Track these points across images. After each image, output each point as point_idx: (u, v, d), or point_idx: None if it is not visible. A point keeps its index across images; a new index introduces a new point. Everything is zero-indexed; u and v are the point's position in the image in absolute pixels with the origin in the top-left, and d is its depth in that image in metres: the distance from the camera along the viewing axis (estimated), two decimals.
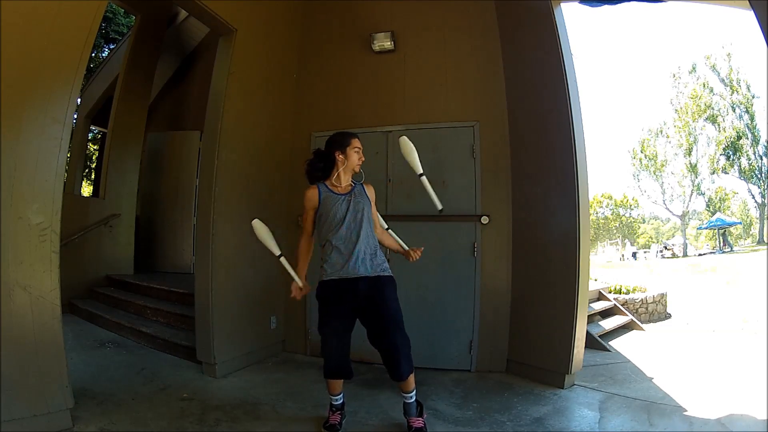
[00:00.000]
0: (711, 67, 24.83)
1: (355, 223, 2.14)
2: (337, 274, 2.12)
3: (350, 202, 2.17)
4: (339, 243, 2.13)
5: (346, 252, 2.12)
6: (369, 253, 2.15)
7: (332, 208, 2.15)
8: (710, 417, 2.34)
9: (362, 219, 2.16)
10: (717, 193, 27.14)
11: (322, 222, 2.20)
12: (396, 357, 2.04)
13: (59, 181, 2.09)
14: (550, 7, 2.97)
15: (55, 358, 2.05)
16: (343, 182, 2.22)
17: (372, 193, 2.30)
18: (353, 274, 2.10)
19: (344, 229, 2.13)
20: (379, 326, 2.08)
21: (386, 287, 2.14)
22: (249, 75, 3.29)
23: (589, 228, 3.12)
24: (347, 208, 2.15)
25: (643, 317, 5.50)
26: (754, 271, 11.73)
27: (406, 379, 2.09)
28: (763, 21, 1.77)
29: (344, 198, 2.18)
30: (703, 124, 25.00)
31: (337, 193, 2.19)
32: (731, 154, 24.44)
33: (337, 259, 2.13)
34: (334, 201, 2.16)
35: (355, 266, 2.10)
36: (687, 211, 27.72)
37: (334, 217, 2.14)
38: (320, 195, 2.19)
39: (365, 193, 2.25)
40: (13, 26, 1.90)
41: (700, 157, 25.42)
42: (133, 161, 5.20)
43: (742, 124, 24.32)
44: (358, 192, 2.23)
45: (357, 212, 2.16)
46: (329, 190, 2.20)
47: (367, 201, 2.22)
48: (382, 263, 2.18)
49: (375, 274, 2.13)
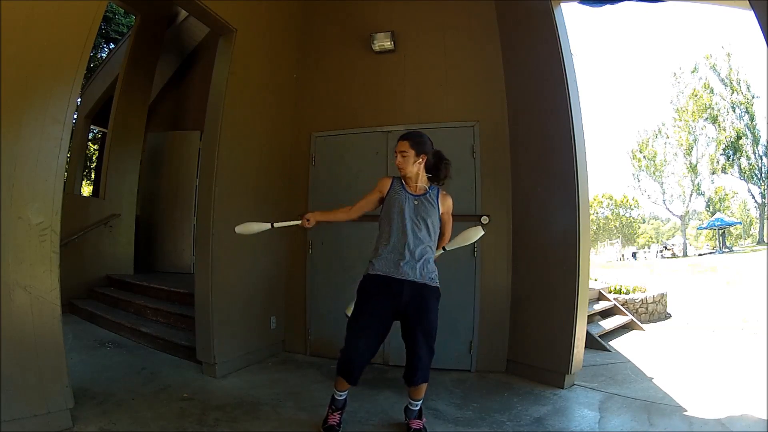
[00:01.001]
0: (711, 67, 24.84)
1: (415, 226, 2.11)
2: (384, 270, 2.09)
3: (416, 205, 2.14)
4: (394, 240, 2.10)
5: (399, 251, 2.09)
6: (421, 259, 2.10)
7: (396, 203, 2.13)
8: (710, 417, 2.34)
9: (423, 224, 2.12)
10: (717, 193, 27.13)
11: (383, 215, 2.19)
12: (416, 365, 2.05)
13: (59, 181, 2.09)
14: (550, 7, 2.97)
15: (55, 358, 2.05)
16: (412, 183, 2.19)
17: (446, 202, 2.24)
18: (401, 275, 2.07)
19: (402, 228, 2.10)
20: (411, 333, 2.07)
21: (430, 298, 2.10)
22: (249, 75, 3.29)
23: (589, 228, 3.12)
24: (412, 209, 2.13)
25: (643, 317, 5.50)
26: (754, 271, 11.73)
27: (417, 385, 2.09)
28: (763, 21, 1.77)
29: (412, 197, 2.16)
30: (703, 124, 25.02)
31: (408, 192, 2.17)
32: (731, 154, 24.43)
33: (388, 255, 2.10)
34: (402, 197, 2.15)
35: (405, 268, 2.07)
36: (687, 211, 27.74)
37: (397, 212, 2.12)
38: (392, 185, 2.19)
39: (436, 202, 2.19)
40: (13, 26, 1.90)
41: (700, 157, 25.44)
42: (133, 161, 5.19)
43: (742, 124, 24.32)
44: (431, 198, 2.18)
45: (420, 216, 2.13)
46: (402, 187, 2.19)
47: (435, 209, 2.17)
48: (431, 272, 2.13)
49: (422, 281, 2.09)
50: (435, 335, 2.10)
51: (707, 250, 24.83)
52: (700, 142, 25.32)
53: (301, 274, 3.65)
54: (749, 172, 24.68)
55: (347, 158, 3.61)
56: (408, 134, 2.22)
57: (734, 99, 24.28)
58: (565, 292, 2.85)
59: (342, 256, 3.51)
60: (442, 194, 2.23)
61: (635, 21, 65.78)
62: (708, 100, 24.65)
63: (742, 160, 24.56)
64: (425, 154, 2.18)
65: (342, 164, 3.62)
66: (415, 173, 2.18)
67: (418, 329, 2.05)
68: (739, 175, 24.96)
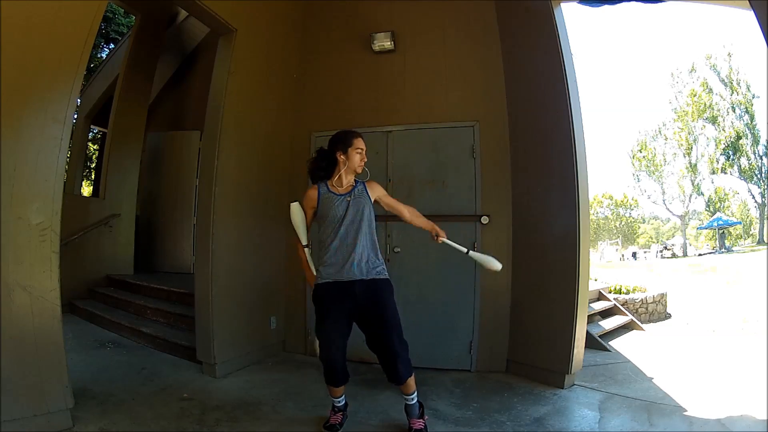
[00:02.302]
0: (711, 67, 24.85)
1: (353, 225, 2.11)
2: (332, 276, 2.09)
3: (349, 203, 2.13)
4: (336, 245, 2.10)
5: (342, 255, 2.09)
6: (366, 257, 2.11)
7: (331, 209, 2.12)
8: (710, 417, 2.34)
9: (361, 221, 2.12)
10: (717, 193, 27.13)
11: (320, 223, 2.19)
12: (394, 362, 2.03)
13: (59, 181, 2.09)
14: (550, 7, 2.97)
15: (55, 358, 2.05)
16: (344, 183, 2.19)
17: (375, 189, 2.25)
18: (348, 277, 2.07)
19: (342, 231, 2.10)
20: (376, 331, 2.06)
21: (383, 291, 2.11)
22: (249, 75, 3.29)
23: (589, 228, 3.12)
24: (346, 209, 2.12)
25: (643, 317, 5.50)
26: (754, 271, 11.73)
27: (404, 382, 2.08)
28: (763, 21, 1.77)
29: (343, 198, 2.14)
30: (703, 124, 25.02)
31: (337, 194, 2.16)
32: (731, 154, 24.43)
33: (333, 261, 2.10)
34: (333, 201, 2.13)
35: (351, 270, 2.07)
36: (687, 211, 27.74)
37: (333, 218, 2.11)
38: (320, 195, 2.17)
39: (366, 193, 2.20)
40: (13, 26, 1.90)
41: (700, 157, 25.45)
42: (133, 161, 5.20)
43: (742, 124, 24.31)
44: (359, 192, 2.18)
45: (356, 214, 2.12)
46: (329, 191, 2.17)
47: (368, 201, 2.18)
48: (377, 266, 2.14)
49: (370, 277, 2.10)
50: (400, 325, 2.09)
51: (707, 250, 24.83)
52: (700, 142, 25.35)
53: (301, 274, 3.63)
54: (749, 172, 24.68)
55: None
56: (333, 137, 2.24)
57: (734, 99, 24.29)
58: (565, 292, 2.85)
59: None
60: (367, 183, 2.24)
61: (635, 21, 65.76)
62: (708, 99, 24.65)
63: (742, 160, 24.56)
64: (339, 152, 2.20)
65: None
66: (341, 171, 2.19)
67: (383, 322, 2.05)
68: (739, 175, 24.96)
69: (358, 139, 2.20)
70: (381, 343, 2.05)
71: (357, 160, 2.18)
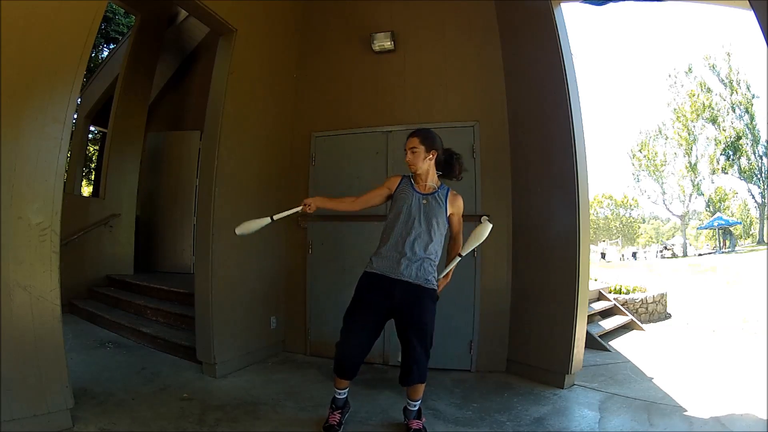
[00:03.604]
0: (710, 67, 24.84)
1: (420, 226, 2.08)
2: (381, 270, 2.07)
3: (423, 205, 2.11)
4: (395, 239, 2.08)
5: (398, 250, 2.06)
6: (420, 261, 2.07)
7: (404, 202, 2.11)
8: (710, 417, 2.34)
9: (428, 224, 2.09)
10: (717, 193, 27.13)
11: (390, 213, 2.17)
12: (411, 366, 2.03)
13: (59, 181, 2.09)
14: (550, 7, 2.97)
15: (55, 358, 2.05)
16: (422, 181, 2.17)
17: (456, 203, 2.19)
18: (396, 275, 2.05)
19: (406, 226, 2.08)
20: (404, 333, 2.06)
21: (425, 298, 2.07)
22: (249, 75, 3.28)
23: (589, 228, 3.12)
24: (417, 208, 2.10)
25: (643, 317, 5.50)
26: (754, 271, 11.73)
27: (412, 385, 2.08)
28: (763, 21, 1.77)
29: (419, 197, 2.13)
30: (703, 124, 25.02)
31: (416, 191, 2.15)
32: (731, 154, 24.43)
33: (388, 254, 2.08)
34: (408, 196, 2.12)
35: (402, 268, 2.04)
36: (687, 211, 27.74)
37: (401, 211, 2.10)
38: (400, 184, 2.17)
39: (444, 202, 2.15)
40: (12, 26, 1.90)
41: (700, 157, 25.44)
42: (133, 161, 5.19)
43: (742, 124, 24.31)
44: (439, 197, 2.15)
45: (426, 215, 2.09)
46: (411, 186, 2.17)
47: (443, 210, 2.13)
48: (429, 274, 2.09)
49: (417, 282, 2.06)
50: (430, 336, 2.07)
51: (707, 250, 24.82)
52: (700, 142, 25.36)
53: (301, 274, 3.65)
54: (749, 172, 24.67)
55: (347, 158, 3.61)
56: (418, 130, 2.21)
57: (734, 99, 24.28)
58: (565, 292, 2.85)
59: (342, 256, 3.51)
60: (452, 194, 2.19)
61: (635, 21, 65.79)
62: (707, 98, 24.65)
63: (742, 160, 24.55)
64: (435, 150, 2.17)
65: (342, 164, 3.62)
66: (425, 170, 2.16)
67: (410, 330, 2.04)
68: (739, 175, 24.95)
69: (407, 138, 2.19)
70: (406, 346, 2.05)
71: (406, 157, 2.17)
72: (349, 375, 2.11)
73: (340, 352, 2.07)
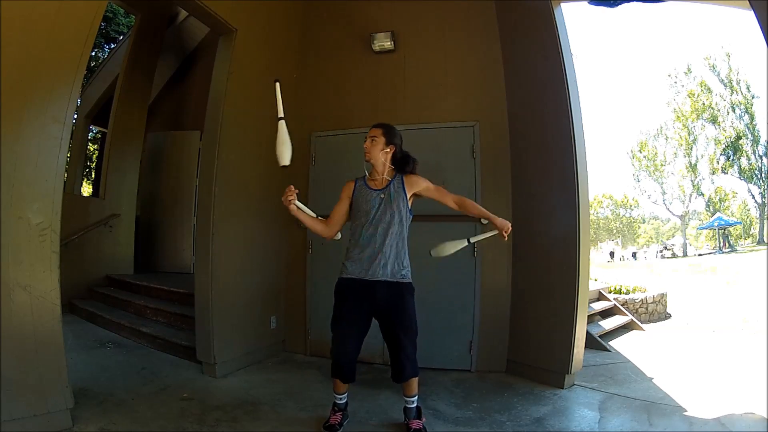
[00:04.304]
0: (711, 67, 24.84)
1: (384, 223, 2.07)
2: (356, 273, 2.07)
3: (382, 200, 2.09)
4: (364, 242, 2.08)
5: (369, 253, 2.06)
6: (393, 257, 2.07)
7: (363, 204, 2.09)
8: (710, 417, 2.34)
9: (391, 219, 2.07)
10: (717, 193, 27.13)
11: (352, 217, 2.16)
12: (402, 362, 2.05)
13: (59, 181, 2.09)
14: (550, 7, 2.97)
15: (55, 358, 2.05)
16: (378, 175, 2.15)
17: (414, 182, 2.13)
18: (373, 277, 2.05)
19: (371, 228, 2.07)
20: (392, 331, 2.07)
21: (405, 294, 2.08)
22: (249, 75, 3.28)
23: (589, 228, 3.12)
24: (378, 206, 2.08)
25: (643, 317, 5.50)
26: (754, 271, 11.73)
27: (407, 380, 2.09)
28: (763, 21, 1.77)
29: (377, 194, 2.11)
30: (703, 124, 25.03)
31: (372, 188, 2.13)
32: (731, 154, 24.43)
33: (359, 257, 2.08)
34: (366, 196, 2.11)
35: (376, 269, 2.05)
36: (687, 211, 27.74)
37: (363, 213, 2.09)
38: (356, 187, 2.16)
39: (402, 189, 2.10)
40: (13, 26, 1.90)
41: (700, 157, 25.45)
42: (133, 161, 5.20)
43: (742, 125, 24.31)
44: (395, 188, 2.11)
45: (387, 211, 2.07)
46: (365, 184, 2.15)
47: (403, 198, 2.09)
48: (403, 269, 2.10)
49: (395, 280, 2.07)
50: (416, 330, 2.09)
51: (707, 250, 24.82)
52: (700, 142, 25.36)
53: (301, 274, 3.65)
54: (749, 172, 24.67)
55: (347, 158, 3.60)
56: (381, 123, 2.22)
57: (734, 99, 24.28)
58: (565, 292, 2.85)
59: (342, 256, 3.49)
60: (406, 177, 2.16)
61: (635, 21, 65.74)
62: (707, 98, 24.65)
63: (742, 160, 24.55)
64: (394, 146, 2.16)
65: (342, 164, 3.61)
66: (381, 162, 2.15)
67: (398, 327, 2.05)
68: (739, 175, 24.95)
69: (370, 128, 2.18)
70: (393, 343, 2.07)
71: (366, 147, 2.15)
72: (350, 378, 2.12)
73: (337, 359, 2.08)
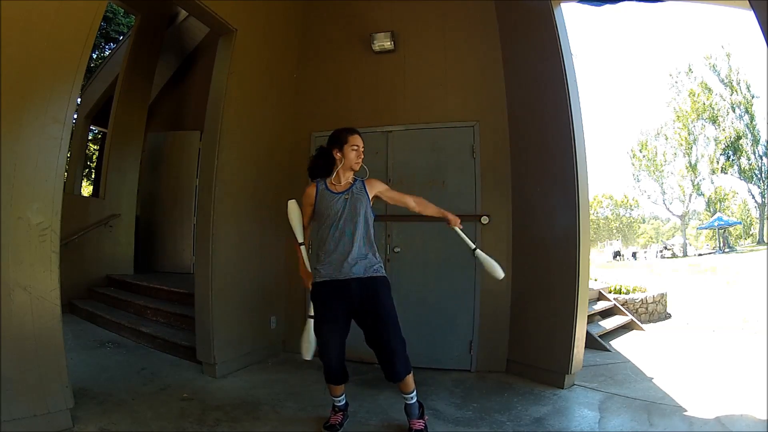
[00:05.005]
0: (711, 67, 24.84)
1: (351, 224, 2.09)
2: (329, 275, 2.09)
3: (347, 201, 2.12)
4: (333, 243, 2.09)
5: (339, 253, 2.08)
6: (363, 254, 2.10)
7: (327, 207, 2.11)
8: (710, 417, 2.34)
9: (358, 219, 2.10)
10: (717, 193, 27.13)
11: (318, 221, 2.18)
12: (391, 359, 2.02)
13: (59, 181, 2.09)
14: (550, 7, 2.97)
15: (55, 358, 2.05)
16: (342, 180, 2.18)
17: (374, 185, 2.22)
18: (345, 275, 2.07)
19: (339, 229, 2.09)
20: (374, 328, 2.06)
21: (380, 289, 2.09)
22: (249, 75, 3.29)
23: (589, 228, 3.12)
24: (343, 207, 2.11)
25: (643, 317, 5.50)
26: (754, 271, 11.73)
27: (402, 379, 2.08)
28: (763, 21, 1.77)
29: (341, 196, 2.13)
30: (703, 124, 25.03)
31: (334, 192, 2.15)
32: (731, 154, 24.43)
33: (330, 260, 2.09)
34: (330, 199, 2.12)
35: (349, 268, 2.06)
36: (687, 211, 27.74)
37: (330, 216, 2.11)
38: (317, 192, 2.16)
39: (364, 190, 2.17)
40: (13, 26, 1.90)
41: (700, 157, 25.45)
42: (133, 161, 5.20)
43: (742, 125, 24.31)
44: (357, 190, 2.16)
45: (353, 212, 2.10)
46: (327, 188, 2.17)
47: (365, 198, 2.15)
48: (374, 264, 2.12)
49: (368, 275, 2.09)
50: (397, 323, 2.08)
51: (707, 250, 24.82)
52: (700, 142, 25.35)
53: None
54: (749, 172, 24.67)
55: None
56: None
57: (734, 99, 24.27)
58: (565, 292, 2.85)
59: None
60: (367, 180, 2.22)
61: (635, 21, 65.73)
62: (707, 98, 24.65)
63: (742, 160, 24.55)
64: None
65: None
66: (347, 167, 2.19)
67: (381, 319, 2.04)
68: (739, 175, 24.95)
69: (353, 136, 2.19)
70: (378, 341, 2.05)
71: (353, 157, 2.17)
72: (342, 379, 2.15)
73: (325, 362, 2.10)
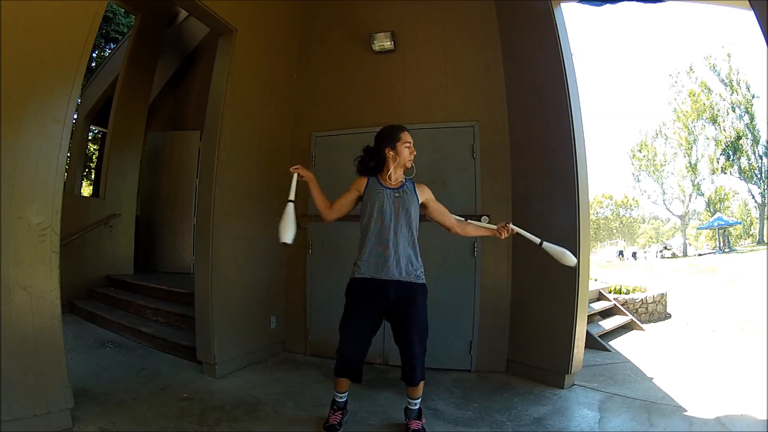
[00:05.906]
0: (711, 67, 24.84)
1: (398, 222, 2.06)
2: (369, 273, 2.06)
3: (396, 199, 2.09)
4: (375, 240, 2.07)
5: (382, 251, 2.05)
6: (406, 256, 2.07)
7: (377, 201, 2.08)
8: (710, 417, 2.34)
9: (405, 219, 2.07)
10: (717, 193, 27.14)
11: (363, 214, 2.14)
12: (413, 364, 2.04)
13: (59, 181, 2.09)
14: (550, 7, 2.97)
15: (55, 358, 2.05)
16: (394, 178, 2.15)
17: (425, 191, 2.20)
18: (386, 276, 2.04)
19: (384, 226, 2.06)
20: (403, 332, 2.06)
21: (418, 295, 2.07)
22: (249, 75, 3.28)
23: (589, 228, 3.12)
24: (392, 204, 2.08)
25: (643, 317, 5.50)
26: (754, 271, 11.73)
27: (417, 385, 2.09)
28: (763, 21, 1.77)
29: (391, 193, 2.11)
30: (703, 124, 25.03)
31: (387, 187, 2.13)
32: (731, 154, 24.43)
33: (371, 257, 2.07)
34: (381, 193, 2.10)
35: (390, 268, 2.04)
36: (687, 211, 27.74)
37: (377, 210, 2.08)
38: (369, 183, 2.15)
39: (415, 193, 2.14)
40: (13, 26, 1.90)
41: (700, 157, 25.46)
42: (133, 161, 5.20)
43: (742, 125, 24.31)
44: (409, 190, 2.13)
45: (401, 211, 2.07)
46: (378, 183, 2.15)
47: (415, 201, 2.13)
48: (417, 269, 2.10)
49: (408, 279, 2.07)
50: (427, 332, 2.08)
51: (707, 250, 24.82)
52: (700, 142, 25.37)
53: (301, 274, 3.65)
54: (749, 172, 24.67)
55: (347, 158, 3.56)
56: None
57: (734, 99, 24.28)
58: (565, 292, 2.85)
59: (342, 256, 3.49)
60: (418, 185, 2.21)
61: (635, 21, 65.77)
62: (707, 98, 24.66)
63: (742, 160, 24.56)
64: None
65: (342, 164, 3.60)
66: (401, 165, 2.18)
67: (411, 329, 2.04)
68: (739, 175, 24.95)
69: (405, 133, 2.17)
70: (404, 344, 2.05)
71: (406, 155, 2.15)
72: (357, 377, 2.10)
73: (345, 357, 2.06)
